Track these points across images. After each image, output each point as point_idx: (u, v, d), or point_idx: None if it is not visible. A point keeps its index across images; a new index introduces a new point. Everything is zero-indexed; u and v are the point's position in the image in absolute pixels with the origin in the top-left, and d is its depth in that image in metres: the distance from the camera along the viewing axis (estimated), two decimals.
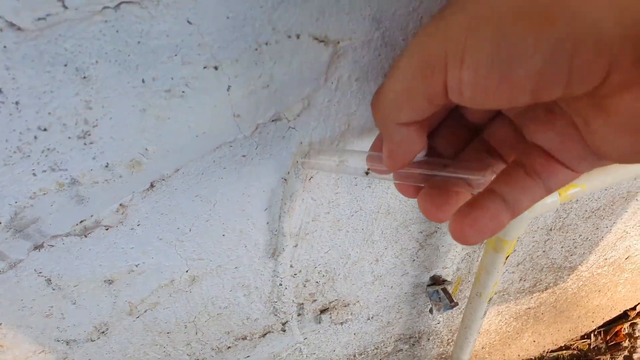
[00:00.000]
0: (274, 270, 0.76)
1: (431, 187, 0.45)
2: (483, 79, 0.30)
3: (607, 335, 2.11)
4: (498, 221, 0.39)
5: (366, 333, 1.15)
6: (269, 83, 0.47)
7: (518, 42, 0.28)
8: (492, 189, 0.40)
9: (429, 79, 0.33)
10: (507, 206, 0.39)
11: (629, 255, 1.53)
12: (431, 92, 0.34)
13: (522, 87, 0.30)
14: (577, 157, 0.38)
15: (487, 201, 0.39)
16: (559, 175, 0.40)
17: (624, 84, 0.28)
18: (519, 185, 0.40)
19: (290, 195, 0.62)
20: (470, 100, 0.32)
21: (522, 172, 0.40)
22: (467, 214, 0.39)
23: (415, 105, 0.36)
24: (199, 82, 0.44)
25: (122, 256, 0.59)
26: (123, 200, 0.53)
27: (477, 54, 0.30)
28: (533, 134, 0.41)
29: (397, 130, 0.40)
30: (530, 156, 0.41)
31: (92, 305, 0.64)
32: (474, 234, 0.39)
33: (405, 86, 0.36)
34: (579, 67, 0.27)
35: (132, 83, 0.42)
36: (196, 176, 0.54)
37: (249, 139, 0.52)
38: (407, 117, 0.38)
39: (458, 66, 0.31)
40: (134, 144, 0.47)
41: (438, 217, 0.45)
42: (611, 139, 0.32)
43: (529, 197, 0.40)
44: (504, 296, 1.36)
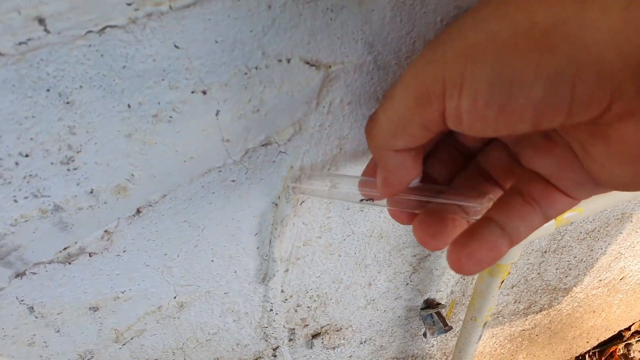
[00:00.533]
0: (264, 296, 0.74)
1: (426, 214, 0.44)
2: (482, 108, 0.30)
3: (602, 356, 2.10)
4: (496, 251, 0.38)
5: (359, 357, 1.14)
6: (259, 107, 0.46)
7: (518, 70, 0.27)
8: (489, 217, 0.39)
9: (426, 107, 0.33)
10: (505, 235, 0.38)
11: (623, 276, 1.52)
12: (428, 121, 0.33)
13: (522, 117, 0.29)
14: (576, 184, 0.38)
15: (485, 231, 0.38)
16: (556, 203, 0.39)
17: (626, 113, 0.27)
18: (517, 213, 0.39)
19: (281, 220, 0.60)
20: (469, 128, 0.32)
21: (519, 199, 0.40)
22: (465, 245, 0.38)
23: (411, 133, 0.35)
24: (186, 106, 0.43)
25: (108, 283, 0.58)
26: (108, 227, 0.51)
27: (476, 83, 0.29)
28: (530, 160, 0.41)
29: (392, 157, 0.39)
30: (527, 183, 0.40)
31: (76, 333, 0.62)
32: (472, 265, 0.38)
33: (401, 114, 0.35)
34: (581, 96, 0.27)
35: (117, 108, 0.41)
36: (184, 201, 0.52)
37: (239, 164, 0.51)
38: (402, 144, 0.37)
39: (457, 95, 0.30)
40: (119, 169, 0.45)
41: (434, 245, 0.43)
42: (611, 167, 0.31)
43: (527, 225, 0.39)
44: (499, 318, 1.35)
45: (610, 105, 0.27)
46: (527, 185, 0.40)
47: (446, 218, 0.43)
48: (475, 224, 0.39)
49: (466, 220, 0.44)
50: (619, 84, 0.26)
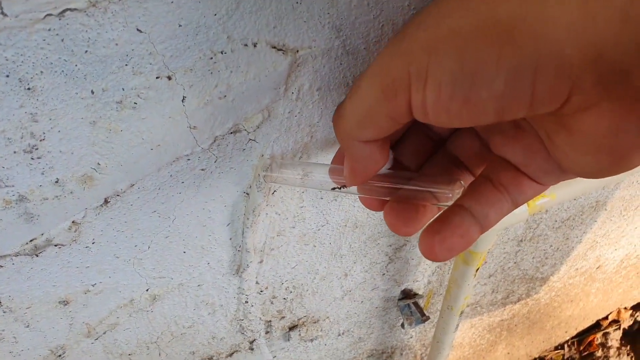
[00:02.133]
0: (239, 288, 0.74)
1: (397, 201, 0.44)
2: (446, 100, 0.30)
3: (581, 345, 2.11)
4: (468, 238, 0.38)
5: (337, 350, 1.13)
6: (225, 93, 0.45)
7: (480, 64, 0.28)
8: (460, 204, 0.40)
9: (392, 99, 0.33)
10: (476, 221, 0.39)
11: (599, 264, 1.54)
12: (394, 112, 0.34)
13: (485, 109, 0.29)
14: (543, 171, 0.38)
15: (456, 218, 0.38)
16: (525, 189, 0.40)
17: (585, 105, 0.28)
18: (487, 199, 0.39)
19: (252, 210, 0.60)
20: (435, 120, 0.32)
21: (489, 186, 0.40)
22: (437, 232, 0.38)
23: (377, 124, 0.36)
24: (151, 92, 0.42)
25: (77, 276, 0.57)
26: (76, 218, 0.50)
27: (440, 76, 0.29)
28: (499, 148, 0.41)
29: (358, 147, 0.39)
30: (497, 170, 0.41)
31: (47, 327, 0.61)
32: (444, 252, 0.38)
33: (367, 105, 0.35)
34: (541, 89, 0.27)
35: (80, 94, 0.40)
36: (153, 191, 0.52)
37: (207, 152, 0.51)
38: (369, 135, 0.37)
39: (422, 88, 0.30)
40: (84, 158, 0.45)
41: (404, 231, 0.43)
42: (574, 156, 0.32)
43: (497, 212, 0.40)
44: (477, 308, 1.36)
45: (570, 97, 0.27)
46: (496, 172, 0.40)
47: (417, 205, 0.43)
48: (447, 211, 0.39)
49: (436, 206, 0.44)
50: (577, 76, 0.26)
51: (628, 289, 1.92)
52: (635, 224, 1.38)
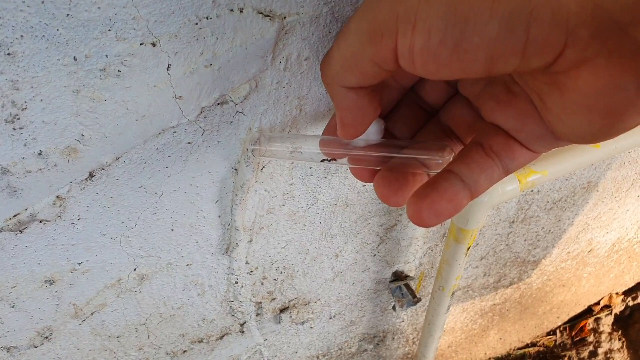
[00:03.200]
0: (228, 268, 0.73)
1: (387, 170, 0.44)
2: (436, 45, 0.29)
3: (573, 330, 2.12)
4: (456, 203, 0.38)
5: (329, 333, 1.13)
6: (211, 61, 0.44)
7: (473, 7, 0.27)
8: (450, 169, 0.39)
9: (378, 43, 0.32)
10: (466, 187, 0.38)
11: (591, 248, 1.54)
12: (380, 58, 0.33)
13: (476, 56, 0.28)
14: (535, 137, 0.38)
15: (445, 182, 0.38)
16: (517, 156, 0.40)
17: (580, 60, 0.27)
18: (477, 166, 0.39)
19: (241, 186, 0.59)
20: (422, 68, 0.31)
21: (480, 151, 0.40)
22: (425, 196, 0.38)
23: (363, 69, 0.35)
24: (136, 59, 0.41)
25: (63, 254, 0.56)
26: (60, 192, 0.49)
27: (430, 20, 0.28)
28: (491, 114, 0.41)
29: (345, 94, 0.38)
30: (488, 136, 0.40)
31: (33, 308, 0.60)
32: (432, 216, 0.38)
33: (353, 49, 0.34)
34: (535, 38, 0.26)
35: (62, 61, 0.39)
36: (139, 165, 0.51)
37: (194, 124, 0.50)
38: (354, 81, 0.37)
39: (409, 32, 0.30)
40: (68, 128, 0.44)
41: (394, 201, 0.43)
42: (566, 118, 0.32)
43: (488, 178, 0.39)
44: (469, 292, 1.35)
45: (564, 50, 0.27)
46: (488, 139, 0.40)
47: (407, 174, 0.43)
48: (436, 176, 0.39)
49: (427, 174, 0.44)
50: (573, 27, 0.25)
51: (620, 274, 1.92)
52: (627, 206, 1.38)
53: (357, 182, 0.72)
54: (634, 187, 1.29)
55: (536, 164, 0.70)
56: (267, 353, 1.05)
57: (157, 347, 0.81)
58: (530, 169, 0.70)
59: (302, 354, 1.15)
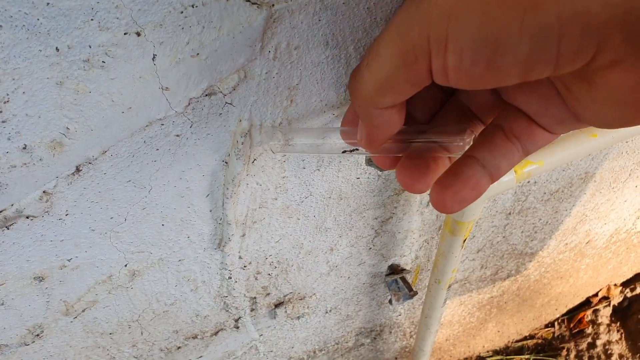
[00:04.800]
0: (221, 263, 0.72)
1: (408, 158, 0.45)
2: (469, 65, 0.30)
3: (571, 322, 2.12)
4: (479, 189, 0.39)
5: (325, 327, 1.12)
6: (198, 51, 0.43)
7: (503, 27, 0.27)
8: (471, 155, 0.40)
9: (413, 65, 0.33)
10: (487, 172, 0.40)
11: (589, 239, 1.53)
12: (415, 78, 0.34)
13: (510, 72, 0.29)
14: (557, 120, 0.38)
15: (467, 170, 0.39)
16: (537, 139, 0.40)
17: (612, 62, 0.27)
18: (498, 150, 0.40)
19: (232, 180, 0.58)
20: (457, 84, 0.32)
21: (501, 135, 0.40)
22: (449, 186, 0.39)
23: (398, 90, 0.36)
24: (120, 50, 0.40)
25: (52, 250, 0.55)
26: (46, 187, 0.48)
27: (461, 41, 0.29)
28: (512, 96, 0.41)
29: (378, 114, 0.39)
30: (509, 119, 0.41)
31: (23, 305, 0.59)
32: (456, 204, 0.39)
33: (387, 73, 0.35)
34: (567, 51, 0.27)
35: (44, 52, 0.38)
36: (126, 159, 0.50)
37: (182, 116, 0.49)
38: (389, 102, 0.37)
39: (442, 53, 0.30)
40: (53, 122, 0.43)
41: (418, 188, 0.44)
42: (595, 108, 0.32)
43: (509, 161, 0.41)
44: (466, 285, 1.35)
45: (596, 56, 0.27)
46: (508, 122, 0.40)
47: (428, 159, 0.44)
48: (457, 163, 0.40)
49: (449, 159, 0.45)
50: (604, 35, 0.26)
51: (618, 265, 1.92)
52: (624, 197, 1.38)
53: (351, 174, 0.71)
54: (631, 178, 1.29)
55: (532, 155, 0.69)
56: (263, 348, 1.04)
57: (151, 344, 0.80)
58: (526, 160, 0.69)
59: (299, 348, 1.15)
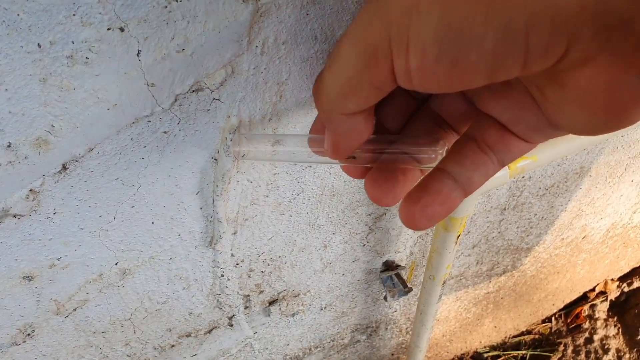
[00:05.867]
0: (213, 261, 0.72)
1: (377, 170, 0.43)
2: (432, 65, 0.28)
3: (568, 318, 2.12)
4: (449, 204, 0.37)
5: (320, 324, 1.12)
6: (183, 46, 0.43)
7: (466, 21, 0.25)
8: (442, 168, 0.38)
9: (375, 67, 0.30)
10: (458, 186, 0.37)
11: (585, 234, 1.53)
12: (378, 81, 0.31)
13: (476, 70, 0.27)
14: (533, 129, 0.36)
15: (437, 183, 0.37)
16: (512, 148, 0.38)
17: (583, 59, 0.26)
18: (470, 162, 0.38)
19: (222, 177, 0.58)
20: (422, 86, 0.30)
21: (474, 147, 0.38)
22: (417, 200, 0.37)
23: (362, 95, 0.33)
24: (104, 45, 0.40)
25: (41, 249, 0.55)
26: (33, 185, 0.48)
27: (422, 38, 0.27)
28: (485, 105, 0.39)
29: (343, 121, 0.36)
30: (482, 128, 0.39)
31: (12, 305, 0.59)
32: (425, 220, 0.37)
33: (348, 76, 0.32)
34: (536, 45, 0.25)
35: (26, 48, 0.37)
36: (114, 156, 0.49)
37: (169, 113, 0.48)
38: (353, 107, 0.35)
39: (403, 53, 0.28)
40: (37, 119, 0.42)
41: (386, 202, 0.42)
42: (568, 112, 0.31)
43: (482, 174, 0.38)
44: (462, 281, 1.34)
45: (567, 51, 0.25)
46: (481, 132, 0.39)
47: (397, 172, 0.42)
48: (427, 177, 0.38)
49: (420, 170, 0.43)
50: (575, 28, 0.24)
51: (614, 260, 1.92)
52: (620, 191, 1.37)
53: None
54: (627, 172, 1.28)
55: None
56: (258, 346, 1.04)
57: (144, 342, 0.80)
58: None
59: (294, 346, 1.14)
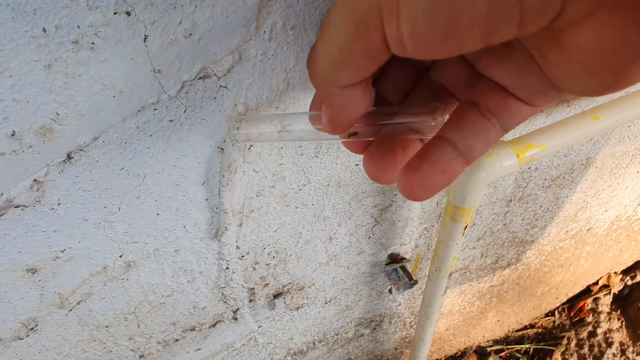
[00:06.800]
0: (218, 253, 0.71)
1: (376, 145, 0.41)
2: (424, 30, 0.26)
3: (571, 311, 2.11)
4: (449, 172, 0.36)
5: (324, 318, 1.11)
6: (191, 31, 0.42)
7: None
8: (441, 135, 0.36)
9: (366, 36, 0.29)
10: (459, 154, 0.36)
11: (590, 227, 1.52)
12: (370, 50, 0.30)
13: (471, 34, 0.26)
14: (536, 91, 0.35)
15: (437, 152, 0.35)
16: (515, 113, 0.37)
17: (580, 17, 0.25)
18: (472, 128, 0.36)
19: (228, 167, 0.57)
20: (416, 53, 0.28)
21: (474, 112, 0.37)
22: (417, 169, 0.35)
23: (355, 65, 0.32)
24: (110, 30, 0.39)
25: (45, 241, 0.54)
26: (37, 175, 0.47)
27: (413, 4, 0.26)
28: (487, 69, 0.37)
29: (338, 94, 0.35)
30: (483, 93, 0.37)
31: (16, 298, 0.58)
32: (424, 190, 0.35)
33: (340, 46, 0.31)
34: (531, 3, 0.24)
35: (31, 32, 0.36)
36: (119, 145, 0.48)
37: (175, 100, 0.47)
38: (348, 79, 0.33)
39: (394, 20, 0.27)
40: (42, 107, 0.41)
41: (385, 179, 0.41)
42: (570, 73, 0.29)
43: (484, 140, 0.37)
44: (466, 274, 1.34)
45: (564, 7, 0.24)
46: (483, 97, 0.37)
47: (396, 147, 0.41)
48: (426, 145, 0.37)
49: (421, 143, 0.41)
50: None
51: (618, 253, 1.91)
52: (626, 182, 1.37)
53: (350, 161, 0.70)
54: (633, 163, 1.28)
55: (534, 138, 0.68)
56: (262, 340, 1.03)
57: (148, 337, 0.79)
58: (528, 143, 0.67)
59: (298, 340, 1.14)
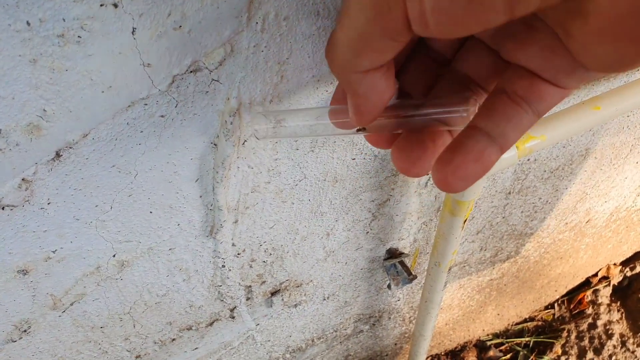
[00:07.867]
0: (214, 251, 0.70)
1: (404, 138, 0.41)
2: (448, 4, 0.26)
3: (571, 303, 2.11)
4: (484, 161, 0.35)
5: (323, 315, 1.11)
6: (180, 23, 0.41)
7: None
8: (473, 125, 0.36)
9: (387, 15, 0.28)
10: (493, 141, 0.35)
11: (589, 218, 1.52)
12: (392, 30, 0.29)
13: (494, 6, 0.25)
14: (564, 72, 0.34)
15: (469, 141, 0.35)
16: (546, 96, 0.36)
17: None
18: (503, 115, 0.36)
19: (222, 163, 0.56)
20: (438, 30, 0.28)
21: (505, 99, 0.36)
22: (449, 161, 0.35)
23: (376, 47, 0.31)
24: (97, 23, 0.38)
25: (35, 241, 0.53)
26: (25, 174, 0.46)
27: None
28: (512, 54, 0.37)
29: (360, 80, 0.35)
30: (511, 80, 0.37)
31: (7, 300, 0.57)
32: (459, 181, 0.35)
33: (360, 28, 0.31)
34: None
35: (14, 26, 0.35)
36: (109, 142, 0.47)
37: (166, 95, 0.46)
38: (369, 63, 0.33)
39: None
40: (28, 103, 0.40)
41: (415, 172, 0.40)
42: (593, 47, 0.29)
43: (517, 126, 0.36)
44: (465, 268, 1.33)
45: None
46: (511, 83, 0.37)
47: (426, 140, 0.40)
48: (458, 136, 0.36)
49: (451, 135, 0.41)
50: None
51: (617, 244, 1.91)
52: (625, 173, 1.36)
53: (347, 155, 0.69)
54: (632, 154, 1.27)
55: (534, 129, 0.67)
56: (260, 338, 1.02)
57: (144, 337, 0.78)
58: (528, 134, 0.67)
59: (297, 337, 1.13)
